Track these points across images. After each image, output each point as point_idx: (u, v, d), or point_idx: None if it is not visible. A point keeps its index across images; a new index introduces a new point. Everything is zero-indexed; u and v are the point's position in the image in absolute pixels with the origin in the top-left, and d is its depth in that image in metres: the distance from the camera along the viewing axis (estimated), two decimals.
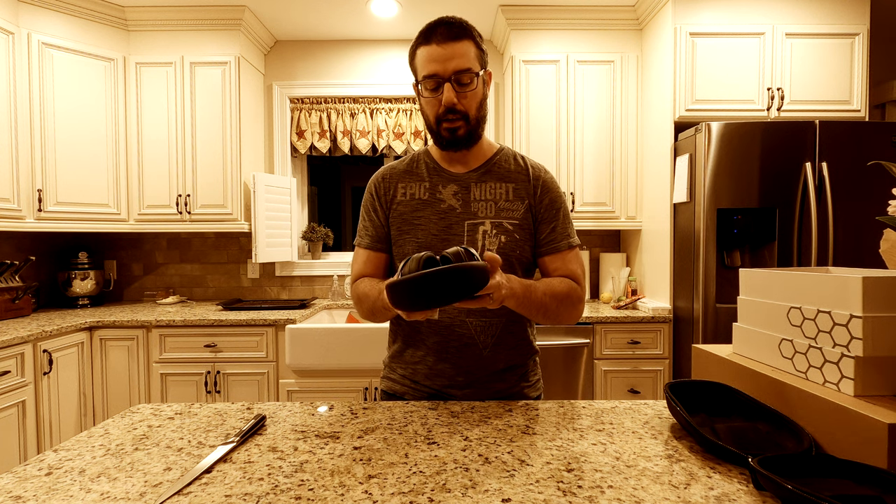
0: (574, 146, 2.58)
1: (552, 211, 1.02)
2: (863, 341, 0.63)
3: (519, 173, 1.04)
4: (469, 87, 0.94)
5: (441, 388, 1.01)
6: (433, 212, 1.00)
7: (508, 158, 1.05)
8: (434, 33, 0.93)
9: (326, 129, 2.92)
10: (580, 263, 1.03)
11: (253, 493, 0.60)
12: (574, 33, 2.59)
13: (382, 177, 1.07)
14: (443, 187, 1.02)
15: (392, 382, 1.08)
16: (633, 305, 2.41)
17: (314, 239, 2.97)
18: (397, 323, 1.08)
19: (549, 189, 1.03)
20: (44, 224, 2.31)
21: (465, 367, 1.00)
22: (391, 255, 1.06)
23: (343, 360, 2.17)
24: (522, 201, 1.01)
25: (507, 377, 1.03)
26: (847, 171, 2.03)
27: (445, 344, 1.00)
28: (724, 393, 0.80)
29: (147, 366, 2.27)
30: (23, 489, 0.61)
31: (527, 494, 0.59)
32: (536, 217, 1.02)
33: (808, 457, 0.59)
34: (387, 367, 1.11)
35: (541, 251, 1.03)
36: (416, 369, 1.03)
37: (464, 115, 0.95)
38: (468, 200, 1.00)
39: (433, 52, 0.92)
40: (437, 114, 0.96)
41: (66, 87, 2.37)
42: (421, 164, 1.06)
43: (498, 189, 1.01)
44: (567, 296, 0.97)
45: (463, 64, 0.92)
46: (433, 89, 0.94)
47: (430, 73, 0.93)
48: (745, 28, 2.26)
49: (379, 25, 2.75)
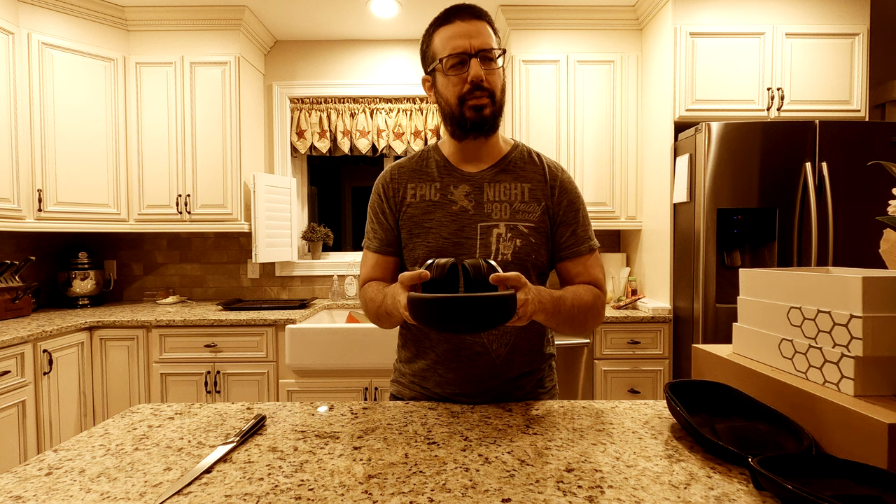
0: (574, 146, 2.58)
1: (571, 213, 0.97)
2: (863, 341, 0.63)
3: (535, 173, 0.98)
4: (494, 65, 0.90)
5: (451, 396, 0.97)
6: (445, 214, 0.95)
7: (524, 156, 1.00)
8: (456, 13, 0.90)
9: (326, 129, 2.92)
10: (601, 267, 0.98)
11: (253, 493, 0.60)
12: (574, 33, 2.59)
13: (391, 177, 1.01)
14: (454, 187, 0.97)
15: (401, 387, 1.05)
16: (633, 305, 2.41)
17: (314, 239, 2.97)
18: (406, 328, 1.04)
19: (568, 190, 0.98)
20: (44, 224, 2.31)
21: (476, 376, 0.96)
22: (401, 257, 1.01)
23: (343, 360, 2.17)
24: (539, 203, 0.96)
25: (522, 384, 0.99)
26: (847, 171, 2.03)
27: (456, 353, 0.95)
28: (724, 393, 0.80)
29: (147, 366, 2.27)
30: (23, 489, 0.61)
31: (527, 494, 0.59)
32: (554, 220, 0.97)
33: (808, 457, 0.59)
34: (396, 370, 1.08)
35: (561, 255, 0.98)
36: (426, 376, 1.00)
37: (490, 93, 0.90)
38: (481, 201, 0.95)
39: (458, 28, 0.89)
40: (462, 92, 0.90)
41: (66, 87, 2.37)
42: (431, 163, 1.00)
43: (513, 189, 0.96)
44: (593, 305, 0.92)
45: (487, 41, 0.89)
46: (457, 65, 0.89)
47: (455, 50, 0.88)
48: (745, 28, 2.26)
49: (379, 25, 2.76)
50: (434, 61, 0.93)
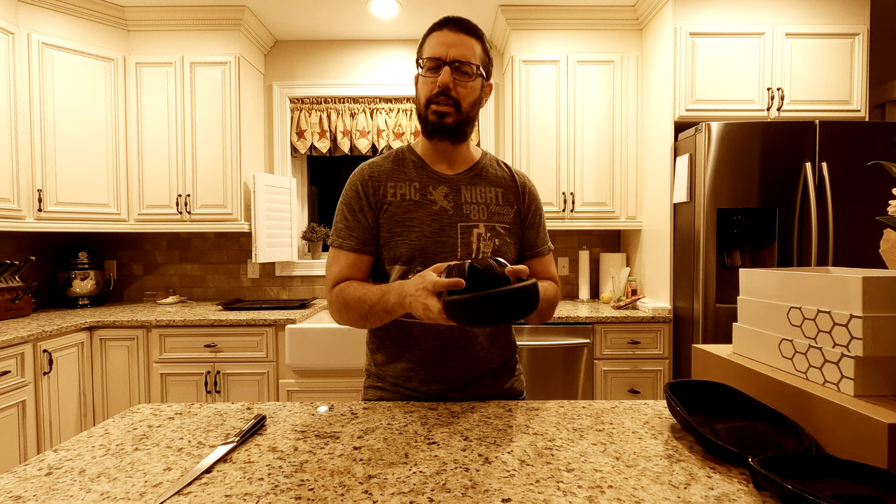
0: (574, 146, 2.58)
1: (537, 217, 1.08)
2: (863, 341, 0.63)
3: (506, 179, 1.07)
4: (468, 79, 0.95)
5: (437, 393, 1.00)
6: (425, 213, 0.98)
7: (493, 164, 1.08)
8: (447, 22, 0.96)
9: (326, 129, 2.92)
10: (555, 265, 1.10)
11: (253, 493, 0.60)
12: (574, 33, 2.59)
13: (370, 175, 1.00)
14: (433, 188, 1.01)
15: (382, 392, 1.03)
16: (633, 305, 2.41)
17: (314, 239, 2.97)
18: (385, 329, 1.02)
19: (534, 196, 1.09)
20: (44, 224, 2.31)
21: (462, 370, 0.99)
22: (377, 256, 1.01)
23: (343, 360, 2.17)
24: (511, 206, 1.05)
25: (498, 373, 1.05)
26: (847, 171, 2.03)
27: (444, 348, 0.98)
28: (724, 393, 0.80)
29: (147, 366, 2.27)
30: (23, 489, 0.61)
31: (527, 494, 0.59)
32: (524, 222, 1.06)
33: (808, 457, 0.59)
34: (372, 376, 1.06)
35: (526, 255, 1.07)
36: (410, 375, 1.00)
37: (456, 103, 0.95)
38: (459, 203, 1.00)
39: (442, 36, 0.95)
40: (430, 95, 0.95)
41: (66, 87, 2.37)
42: (408, 163, 1.02)
43: (488, 193, 1.03)
44: (554, 298, 1.04)
45: (466, 54, 0.94)
46: (433, 69, 0.95)
47: (433, 54, 0.95)
48: (745, 28, 2.26)
49: (379, 25, 2.75)
50: (419, 61, 1.00)
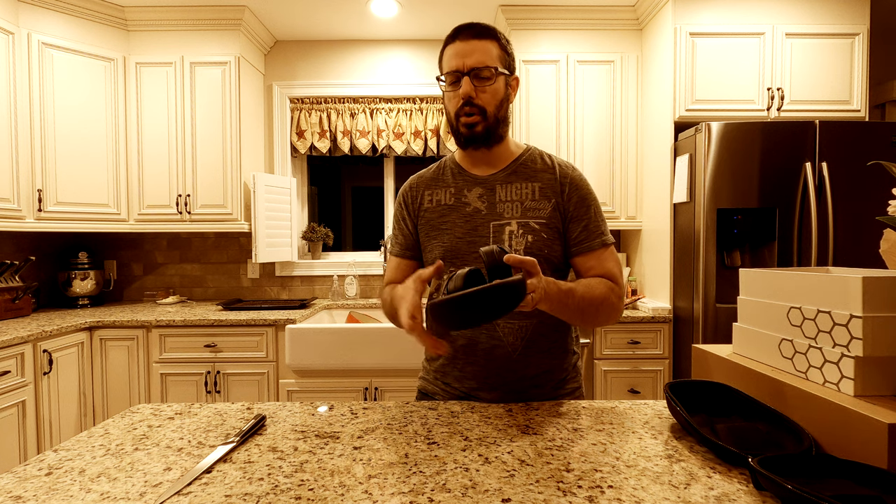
0: (574, 146, 2.58)
1: (582, 209, 0.99)
2: (863, 341, 0.63)
3: (545, 172, 1.02)
4: (488, 83, 0.95)
5: (469, 391, 1.00)
6: (459, 215, 1.01)
7: (535, 158, 1.04)
8: (459, 32, 0.97)
9: (326, 129, 2.92)
10: (616, 262, 0.99)
11: (253, 493, 0.60)
12: (574, 33, 2.58)
13: (410, 186, 1.10)
14: (468, 191, 1.02)
15: (426, 382, 1.10)
16: (633, 305, 2.41)
17: (314, 239, 2.97)
18: None
19: (578, 187, 1.01)
20: (44, 224, 2.31)
21: (493, 370, 0.98)
22: (421, 261, 1.09)
23: (343, 360, 2.17)
24: (549, 200, 0.99)
25: (541, 381, 1.00)
26: (847, 171, 2.03)
27: (473, 346, 0.99)
28: (724, 393, 0.80)
29: (147, 366, 2.27)
30: (23, 489, 0.61)
31: (527, 494, 0.59)
32: (565, 216, 0.99)
33: (808, 457, 0.59)
34: (423, 367, 1.13)
35: (573, 251, 1.00)
36: (446, 371, 1.04)
37: (481, 109, 0.95)
38: (493, 202, 1.00)
39: (457, 48, 0.96)
40: (457, 108, 0.96)
41: (66, 87, 2.37)
42: (447, 171, 1.07)
43: (524, 189, 1.00)
44: (606, 297, 0.93)
45: (482, 59, 0.94)
46: (453, 83, 0.96)
47: (450, 69, 0.96)
48: (745, 28, 2.26)
49: (379, 25, 2.75)
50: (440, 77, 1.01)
